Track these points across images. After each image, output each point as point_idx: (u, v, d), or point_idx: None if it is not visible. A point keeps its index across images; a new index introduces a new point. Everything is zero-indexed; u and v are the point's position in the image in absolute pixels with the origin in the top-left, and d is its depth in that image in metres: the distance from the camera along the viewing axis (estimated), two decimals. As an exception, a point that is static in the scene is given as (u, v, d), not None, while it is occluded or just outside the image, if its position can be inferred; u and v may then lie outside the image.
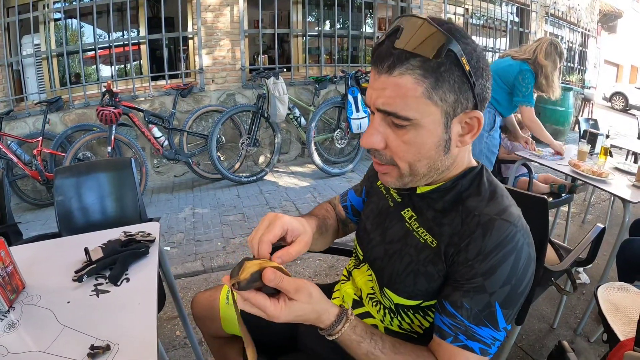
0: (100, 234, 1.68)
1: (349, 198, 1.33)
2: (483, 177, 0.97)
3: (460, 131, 0.89)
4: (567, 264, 1.95)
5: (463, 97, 0.83)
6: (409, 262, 0.97)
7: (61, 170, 2.17)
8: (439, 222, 0.95)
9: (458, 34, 0.81)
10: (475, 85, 0.83)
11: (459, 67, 0.80)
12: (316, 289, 0.87)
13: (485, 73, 0.86)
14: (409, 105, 0.82)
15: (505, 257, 0.85)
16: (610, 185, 2.62)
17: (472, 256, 0.86)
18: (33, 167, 4.51)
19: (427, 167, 0.90)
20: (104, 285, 1.33)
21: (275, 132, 5.42)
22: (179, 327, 2.54)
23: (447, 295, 0.90)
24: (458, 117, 0.86)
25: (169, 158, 5.04)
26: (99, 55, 5.14)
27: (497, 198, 0.92)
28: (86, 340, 1.06)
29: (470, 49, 0.82)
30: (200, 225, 4.02)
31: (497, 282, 0.85)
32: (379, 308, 1.09)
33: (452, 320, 0.87)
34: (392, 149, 0.89)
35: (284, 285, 0.81)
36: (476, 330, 0.86)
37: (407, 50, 0.79)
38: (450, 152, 0.90)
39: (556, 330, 2.55)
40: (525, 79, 3.11)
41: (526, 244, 0.88)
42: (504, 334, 0.88)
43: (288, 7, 6.08)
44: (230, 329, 1.42)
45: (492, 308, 0.85)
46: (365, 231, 1.15)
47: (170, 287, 1.92)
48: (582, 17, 10.31)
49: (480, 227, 0.87)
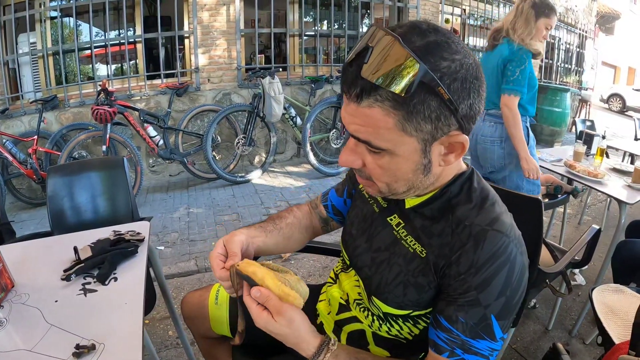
0: (91, 233, 1.66)
1: (330, 197, 1.32)
2: (473, 182, 0.94)
3: (443, 151, 0.83)
4: (562, 265, 1.94)
5: (443, 123, 0.76)
6: (398, 272, 0.95)
7: (54, 169, 2.16)
8: (428, 232, 0.92)
9: (437, 53, 0.73)
10: (457, 110, 0.75)
11: (436, 96, 0.73)
12: (300, 316, 0.86)
13: (474, 91, 0.77)
14: (381, 135, 0.77)
15: (498, 269, 0.82)
16: (606, 186, 2.61)
17: (464, 269, 0.84)
18: (28, 166, 4.49)
19: (406, 187, 0.88)
20: (92, 285, 1.32)
21: (271, 132, 5.41)
22: (171, 327, 2.52)
23: (441, 310, 0.88)
24: (439, 140, 0.80)
25: (164, 157, 5.02)
26: (95, 54, 5.11)
27: (488, 206, 0.89)
28: (72, 340, 1.06)
29: (453, 70, 0.73)
30: (194, 225, 4.00)
31: (491, 295, 0.82)
32: (367, 314, 1.08)
33: (447, 334, 0.85)
34: (369, 170, 0.86)
35: (269, 305, 0.84)
36: (473, 343, 0.84)
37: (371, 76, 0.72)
38: (432, 172, 0.86)
39: (551, 332, 2.54)
40: (513, 60, 2.55)
41: (519, 253, 0.86)
42: (502, 343, 0.86)
43: (285, 7, 6.08)
44: (220, 330, 1.41)
45: (488, 321, 0.83)
46: (350, 236, 1.14)
47: (162, 287, 1.91)
48: (580, 19, 10.33)
49: (471, 238, 0.85)
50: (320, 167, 5.44)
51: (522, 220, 0.93)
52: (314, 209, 1.35)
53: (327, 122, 5.80)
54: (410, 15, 6.81)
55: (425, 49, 0.72)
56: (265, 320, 0.83)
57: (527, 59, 2.54)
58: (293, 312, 0.84)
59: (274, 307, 0.83)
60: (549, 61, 9.97)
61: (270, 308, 0.83)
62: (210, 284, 1.50)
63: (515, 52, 2.56)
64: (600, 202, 4.95)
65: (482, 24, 8.27)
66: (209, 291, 1.44)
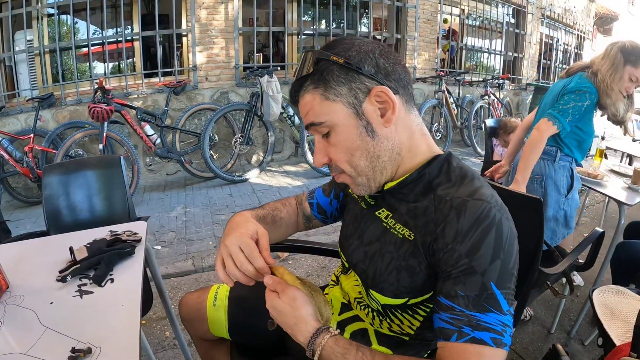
0: (87, 233, 1.65)
1: (316, 196, 1.36)
2: (452, 163, 0.97)
3: (378, 112, 0.92)
4: (563, 267, 1.92)
5: (355, 84, 0.90)
6: (390, 259, 0.97)
7: (50, 168, 2.14)
8: (413, 215, 0.95)
9: (334, 45, 0.94)
10: (361, 69, 0.89)
11: (334, 64, 0.90)
12: (303, 298, 0.91)
13: (376, 56, 0.92)
14: (317, 112, 0.93)
15: (485, 232, 0.82)
16: (606, 188, 2.60)
17: (450, 239, 0.84)
18: (24, 164, 4.45)
19: (366, 159, 0.94)
20: (88, 286, 1.30)
21: (269, 131, 5.40)
22: (168, 328, 2.51)
23: (439, 290, 0.86)
24: (365, 101, 0.91)
25: (161, 156, 5.01)
26: (92, 52, 5.09)
27: (467, 181, 0.92)
28: (68, 343, 1.03)
29: (347, 46, 0.92)
30: (191, 225, 3.98)
31: (485, 260, 0.81)
32: (368, 311, 1.09)
33: (450, 313, 0.82)
34: (332, 158, 0.97)
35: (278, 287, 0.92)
36: (481, 317, 0.80)
37: (297, 79, 0.95)
38: (378, 134, 0.93)
39: (550, 333, 2.53)
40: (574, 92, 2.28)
41: (504, 218, 0.86)
42: (511, 318, 0.82)
43: (283, 6, 6.07)
44: (218, 332, 1.39)
45: (489, 290, 0.81)
46: (345, 237, 1.17)
47: (158, 288, 1.89)
48: (578, 20, 10.35)
49: (453, 209, 0.87)
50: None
51: (522, 220, 0.92)
52: (299, 204, 1.39)
53: (325, 121, 5.74)
54: (409, 15, 6.81)
55: (326, 46, 0.95)
56: (272, 299, 0.91)
57: (589, 99, 2.26)
58: (297, 293, 0.90)
59: (280, 287, 0.91)
60: (547, 62, 9.98)
61: (278, 289, 0.91)
62: (208, 285, 1.49)
63: (581, 86, 2.28)
64: (598, 202, 4.95)
65: (481, 24, 8.26)
66: (207, 293, 1.43)
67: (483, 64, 8.66)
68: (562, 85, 2.38)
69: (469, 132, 6.99)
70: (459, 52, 8.31)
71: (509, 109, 8.24)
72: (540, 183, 2.48)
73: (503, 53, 8.71)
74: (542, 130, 2.28)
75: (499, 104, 7.57)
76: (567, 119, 2.26)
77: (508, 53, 8.81)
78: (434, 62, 7.45)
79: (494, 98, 7.42)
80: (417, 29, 6.94)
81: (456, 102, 7.19)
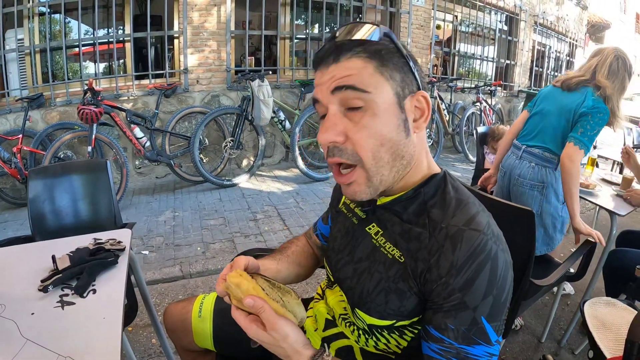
0: (70, 240, 1.61)
1: (319, 227, 1.36)
2: (447, 184, 0.94)
3: (414, 115, 0.90)
4: (555, 278, 1.92)
5: (407, 77, 0.88)
6: (379, 280, 0.93)
7: (35, 171, 2.11)
8: (406, 237, 0.92)
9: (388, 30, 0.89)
10: (414, 68, 0.89)
11: (397, 50, 0.87)
12: (294, 331, 0.85)
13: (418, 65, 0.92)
14: (364, 79, 0.84)
15: (480, 267, 0.80)
16: (598, 198, 2.61)
17: (444, 272, 0.82)
18: (12, 165, 4.39)
19: (390, 154, 0.87)
20: (70, 297, 1.27)
21: (259, 135, 5.37)
22: (154, 335, 2.46)
23: (429, 320, 0.85)
24: (407, 98, 0.88)
25: (150, 159, 4.96)
26: (83, 53, 5.05)
27: (463, 206, 0.89)
28: (48, 356, 1.01)
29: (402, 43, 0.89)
30: (180, 229, 3.94)
31: (477, 296, 0.80)
32: (353, 329, 1.05)
33: (440, 345, 0.82)
34: (353, 140, 0.86)
35: (263, 316, 0.82)
36: (469, 350, 0.80)
37: (348, 40, 0.86)
38: (411, 137, 0.89)
39: (541, 342, 2.52)
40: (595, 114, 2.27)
41: (500, 250, 0.84)
42: (498, 347, 0.83)
43: (276, 9, 6.05)
44: (203, 343, 1.36)
45: (479, 324, 0.80)
46: (333, 251, 1.13)
47: (143, 296, 1.86)
48: (571, 27, 10.43)
49: (448, 239, 0.84)
50: (308, 171, 5.40)
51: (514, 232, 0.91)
52: (309, 238, 1.39)
53: (316, 126, 5.75)
54: (402, 20, 6.82)
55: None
56: (256, 332, 0.83)
57: (606, 121, 2.30)
58: (287, 327, 0.83)
59: (267, 320, 0.82)
60: (539, 69, 10.04)
61: (264, 321, 0.82)
62: (193, 296, 1.46)
63: (601, 109, 2.27)
64: (588, 210, 4.96)
65: (474, 30, 8.29)
66: (192, 303, 1.40)
67: (475, 70, 8.67)
68: (576, 103, 2.35)
69: (460, 139, 7.01)
70: (451, 59, 8.32)
71: (501, 116, 8.28)
72: (541, 190, 2.50)
73: (495, 60, 8.75)
74: (574, 159, 2.26)
75: (490, 110, 7.61)
76: (591, 145, 2.29)
77: (500, 60, 8.85)
78: (426, 68, 7.46)
79: (486, 105, 7.45)
80: (409, 35, 6.95)
81: (448, 108, 7.22)
